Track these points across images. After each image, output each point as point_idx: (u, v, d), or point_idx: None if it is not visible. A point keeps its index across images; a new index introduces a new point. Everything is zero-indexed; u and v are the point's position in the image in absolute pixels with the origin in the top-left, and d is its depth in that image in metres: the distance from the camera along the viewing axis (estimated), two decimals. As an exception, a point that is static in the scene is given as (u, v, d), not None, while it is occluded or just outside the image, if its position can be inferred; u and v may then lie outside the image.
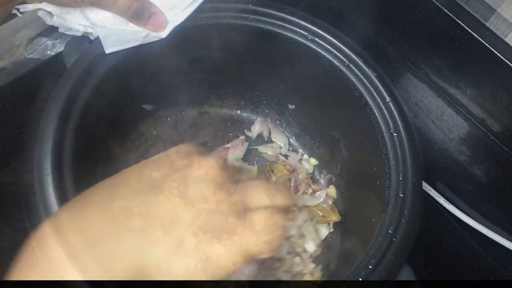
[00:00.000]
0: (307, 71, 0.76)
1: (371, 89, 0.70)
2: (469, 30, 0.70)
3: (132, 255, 0.40)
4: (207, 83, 0.85)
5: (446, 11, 0.72)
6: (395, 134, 0.67)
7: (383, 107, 0.69)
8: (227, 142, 0.89)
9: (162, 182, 0.44)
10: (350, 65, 0.71)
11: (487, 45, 0.69)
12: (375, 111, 0.69)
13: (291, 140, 0.92)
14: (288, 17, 0.73)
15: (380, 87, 0.70)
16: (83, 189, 0.48)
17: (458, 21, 0.71)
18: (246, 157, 0.89)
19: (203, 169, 0.46)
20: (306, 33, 0.73)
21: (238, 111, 0.92)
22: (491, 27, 0.70)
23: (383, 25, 0.84)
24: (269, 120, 0.92)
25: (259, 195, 0.48)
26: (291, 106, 0.87)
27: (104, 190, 0.46)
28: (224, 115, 0.91)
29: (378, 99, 0.69)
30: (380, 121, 0.69)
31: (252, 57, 0.76)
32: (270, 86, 0.84)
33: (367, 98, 0.70)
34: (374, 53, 0.81)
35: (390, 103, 0.69)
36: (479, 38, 0.69)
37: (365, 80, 0.70)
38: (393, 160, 0.66)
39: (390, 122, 0.68)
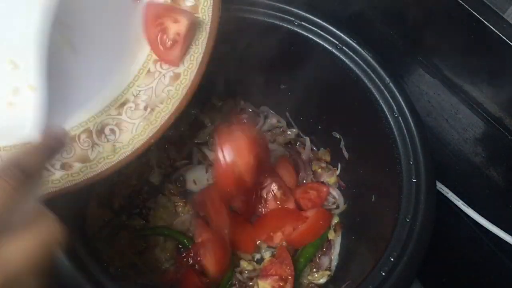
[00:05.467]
0: (298, 59, 0.74)
1: (369, 71, 0.68)
2: (485, 22, 0.66)
3: None
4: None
5: (460, 1, 0.68)
6: (399, 116, 0.66)
7: (384, 89, 0.67)
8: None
9: None
10: (343, 47, 0.69)
11: (504, 38, 0.65)
12: (375, 93, 0.68)
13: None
14: (271, 2, 0.71)
15: (378, 68, 0.68)
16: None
17: (474, 12, 0.67)
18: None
19: None
20: (292, 18, 0.70)
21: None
22: (508, 19, 0.66)
23: (393, 17, 0.80)
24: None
25: None
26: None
27: None
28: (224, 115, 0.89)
29: (377, 81, 0.68)
30: (382, 103, 0.67)
31: (236, 52, 0.74)
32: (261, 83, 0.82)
33: (365, 80, 0.68)
34: (383, 46, 0.78)
35: (391, 84, 0.67)
36: (496, 31, 0.65)
37: (361, 62, 0.68)
38: (400, 143, 0.65)
39: (393, 104, 0.66)
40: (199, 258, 0.73)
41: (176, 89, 0.59)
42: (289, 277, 0.74)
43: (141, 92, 0.59)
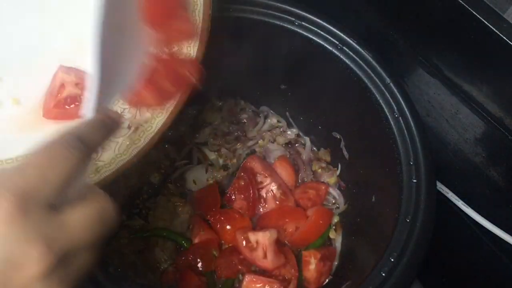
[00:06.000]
0: (298, 59, 0.74)
1: (369, 71, 0.68)
2: (485, 22, 0.66)
3: None
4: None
5: (460, 1, 0.67)
6: (399, 117, 0.66)
7: (384, 89, 0.67)
8: (227, 143, 0.87)
9: None
10: (344, 47, 0.69)
11: (504, 38, 0.64)
12: (375, 93, 0.68)
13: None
14: (271, 2, 0.70)
15: (378, 68, 0.68)
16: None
17: (474, 12, 0.66)
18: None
19: None
20: (292, 18, 0.70)
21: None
22: (508, 19, 0.65)
23: (393, 16, 0.79)
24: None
25: None
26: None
27: None
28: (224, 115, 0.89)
29: (378, 81, 0.68)
30: (382, 103, 0.67)
31: (236, 52, 0.73)
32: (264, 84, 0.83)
33: (366, 80, 0.68)
34: (383, 46, 0.78)
35: (391, 84, 0.67)
36: (496, 31, 0.65)
37: (361, 62, 0.68)
38: (401, 144, 0.65)
39: (393, 104, 0.66)
40: (198, 259, 0.73)
41: (161, 108, 0.57)
42: (293, 278, 0.74)
43: (125, 110, 0.57)
